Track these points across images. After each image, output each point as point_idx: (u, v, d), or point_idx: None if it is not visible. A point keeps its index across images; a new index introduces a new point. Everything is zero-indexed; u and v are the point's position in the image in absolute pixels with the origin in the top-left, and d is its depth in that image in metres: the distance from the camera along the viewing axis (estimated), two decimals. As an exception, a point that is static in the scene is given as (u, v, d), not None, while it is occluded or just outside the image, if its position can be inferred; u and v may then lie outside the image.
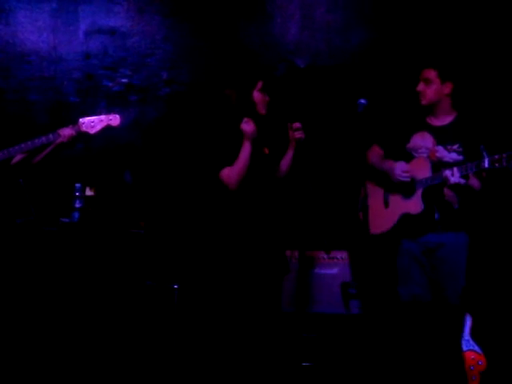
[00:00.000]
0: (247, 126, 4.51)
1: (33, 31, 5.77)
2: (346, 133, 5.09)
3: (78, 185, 5.31)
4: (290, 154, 4.64)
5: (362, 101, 4.47)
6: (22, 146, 4.69)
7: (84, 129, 4.78)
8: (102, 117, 4.84)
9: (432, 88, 4.68)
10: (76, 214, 5.24)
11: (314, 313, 5.30)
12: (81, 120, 4.79)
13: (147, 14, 5.86)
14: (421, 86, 4.69)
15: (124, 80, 5.87)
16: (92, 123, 4.78)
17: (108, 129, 5.75)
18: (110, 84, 5.85)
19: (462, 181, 4.46)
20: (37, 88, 5.78)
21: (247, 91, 4.67)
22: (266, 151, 4.70)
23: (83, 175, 5.54)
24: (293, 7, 5.94)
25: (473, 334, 4.60)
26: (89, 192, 5.34)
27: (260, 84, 4.62)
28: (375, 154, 4.85)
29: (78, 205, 5.27)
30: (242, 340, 4.59)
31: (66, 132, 4.73)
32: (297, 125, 4.54)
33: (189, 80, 5.84)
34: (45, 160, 4.84)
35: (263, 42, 5.92)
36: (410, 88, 5.15)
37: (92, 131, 4.80)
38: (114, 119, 4.85)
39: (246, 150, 4.53)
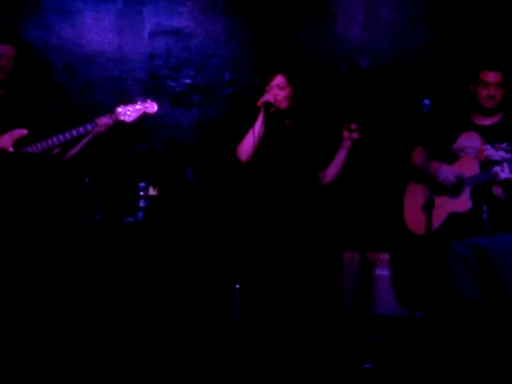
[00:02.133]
0: (262, 98, 4.56)
1: (98, 32, 5.84)
2: (409, 133, 5.06)
3: (141, 184, 5.36)
4: (342, 154, 4.63)
5: (427, 101, 4.43)
6: (61, 137, 4.72)
7: (121, 118, 4.81)
8: (139, 105, 4.87)
9: (500, 92, 4.65)
10: (140, 214, 5.29)
11: (375, 314, 5.27)
12: (117, 109, 4.83)
13: (210, 15, 5.88)
14: (492, 90, 4.63)
15: (187, 80, 5.91)
16: (128, 112, 4.82)
17: (171, 128, 5.88)
18: (174, 84, 5.90)
19: None
20: (102, 88, 5.85)
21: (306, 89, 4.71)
22: (288, 122, 4.72)
23: (147, 174, 5.60)
24: (356, 7, 5.91)
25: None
26: (152, 191, 5.39)
27: (279, 79, 4.65)
28: (419, 155, 4.81)
29: (142, 204, 5.32)
30: (303, 340, 4.60)
31: (104, 121, 4.76)
32: (354, 125, 4.54)
33: (251, 81, 5.85)
34: (82, 151, 4.89)
35: (326, 42, 5.91)
36: (457, 89, 5.11)
37: (129, 120, 4.83)
38: (151, 106, 4.90)
39: (257, 121, 4.58)
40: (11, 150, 4.70)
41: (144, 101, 4.89)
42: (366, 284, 5.23)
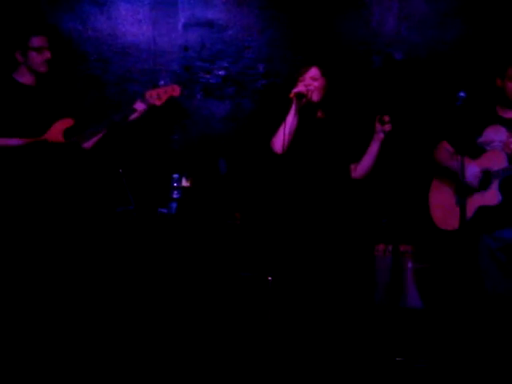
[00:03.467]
0: (294, 89, 4.58)
1: (133, 24, 5.84)
2: (439, 127, 5.05)
3: (175, 175, 5.38)
4: (375, 147, 4.63)
5: (462, 94, 4.40)
6: (103, 124, 4.83)
7: (152, 101, 4.94)
8: (165, 88, 5.06)
9: None
10: (174, 205, 5.31)
11: (407, 307, 5.26)
12: (147, 93, 4.99)
13: (245, 7, 5.87)
14: None
15: (221, 72, 5.91)
16: (158, 95, 4.96)
17: (204, 120, 5.89)
18: (207, 76, 5.90)
19: None
20: (136, 80, 5.84)
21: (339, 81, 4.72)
22: (320, 115, 4.73)
23: (181, 166, 5.62)
24: (390, -1, 5.92)
25: None
26: (185, 183, 5.41)
27: (313, 71, 4.67)
28: (444, 150, 4.78)
29: (175, 195, 5.35)
30: (335, 332, 4.60)
31: (141, 107, 4.90)
32: (387, 118, 4.54)
33: (285, 72, 5.84)
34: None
35: (360, 34, 5.89)
36: (483, 82, 5.08)
37: (158, 103, 4.99)
38: (176, 89, 5.07)
39: (290, 113, 4.61)
40: (62, 140, 4.76)
41: (167, 84, 5.02)
42: (398, 277, 5.21)
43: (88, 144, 4.87)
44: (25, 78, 4.85)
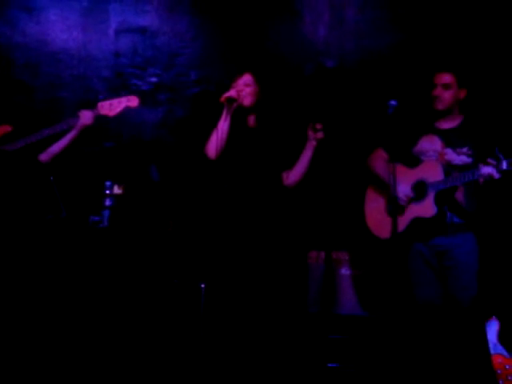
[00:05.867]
0: (225, 93, 4.59)
1: (63, 30, 5.79)
2: (372, 135, 5.09)
3: (108, 183, 5.32)
4: (307, 154, 4.66)
5: (393, 102, 4.44)
6: (44, 132, 4.75)
7: (103, 112, 4.85)
8: (121, 99, 4.90)
9: (449, 93, 4.67)
10: (106, 212, 5.25)
11: (340, 314, 5.28)
12: (99, 104, 4.86)
13: (177, 13, 5.87)
14: (438, 91, 4.67)
15: (153, 79, 5.88)
16: (111, 106, 4.86)
17: (136, 127, 5.85)
18: (139, 83, 5.87)
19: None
20: (66, 86, 5.79)
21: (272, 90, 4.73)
22: (253, 122, 4.75)
23: (113, 173, 5.56)
24: (322, 6, 5.92)
25: (501, 339, 4.58)
26: (117, 190, 5.35)
27: (246, 77, 4.69)
28: (379, 158, 4.82)
29: (107, 203, 5.28)
30: (267, 340, 4.60)
31: (86, 114, 4.79)
32: (319, 125, 4.57)
33: (217, 79, 5.83)
34: (68, 147, 4.89)
35: (292, 42, 5.91)
36: (418, 92, 5.15)
37: (111, 113, 4.87)
38: (133, 100, 4.92)
39: (221, 117, 4.65)
40: None
41: (126, 95, 4.92)
42: (331, 284, 5.24)
43: (45, 157, 4.84)
44: None
